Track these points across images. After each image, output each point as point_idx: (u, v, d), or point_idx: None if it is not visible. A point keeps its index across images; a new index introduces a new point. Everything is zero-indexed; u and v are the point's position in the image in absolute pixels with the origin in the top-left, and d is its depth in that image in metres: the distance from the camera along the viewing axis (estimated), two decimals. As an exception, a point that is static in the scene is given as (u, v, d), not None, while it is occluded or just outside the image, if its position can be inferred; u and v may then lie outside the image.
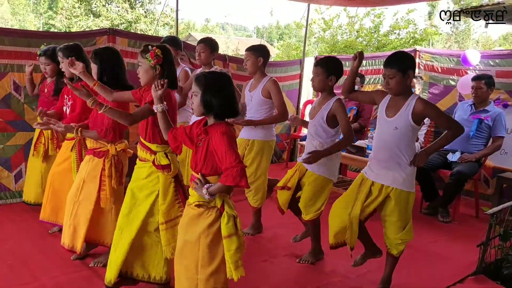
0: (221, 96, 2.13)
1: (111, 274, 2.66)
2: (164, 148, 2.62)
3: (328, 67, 3.15)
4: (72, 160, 3.36)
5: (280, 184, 3.42)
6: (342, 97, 3.27)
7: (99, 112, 2.56)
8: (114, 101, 2.80)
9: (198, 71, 4.18)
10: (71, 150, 3.37)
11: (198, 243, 2.16)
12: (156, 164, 2.57)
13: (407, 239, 2.85)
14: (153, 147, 2.62)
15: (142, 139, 2.67)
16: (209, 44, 3.98)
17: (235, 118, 3.54)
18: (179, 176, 2.68)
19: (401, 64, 2.71)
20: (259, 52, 3.67)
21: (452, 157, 4.59)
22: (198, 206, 2.18)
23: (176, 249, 2.30)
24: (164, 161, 2.57)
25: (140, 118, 2.58)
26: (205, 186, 2.13)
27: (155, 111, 2.37)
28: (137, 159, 2.74)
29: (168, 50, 2.63)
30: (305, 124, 3.45)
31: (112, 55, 2.99)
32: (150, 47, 2.55)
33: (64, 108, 3.47)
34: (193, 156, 2.23)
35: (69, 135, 3.41)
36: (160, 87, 2.31)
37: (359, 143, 5.06)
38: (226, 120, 2.20)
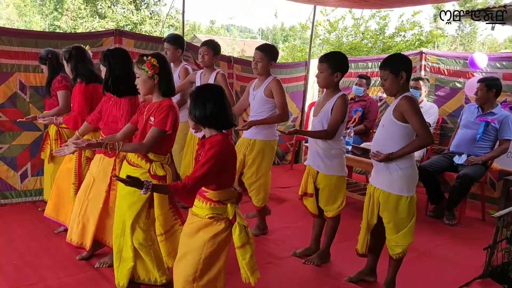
0: (205, 108, 2.11)
1: (122, 278, 2.68)
2: (160, 159, 2.62)
3: (333, 63, 3.12)
4: (73, 161, 3.36)
5: (300, 192, 3.43)
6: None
7: (116, 151, 2.54)
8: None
9: (200, 72, 4.18)
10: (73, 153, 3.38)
11: (201, 251, 2.16)
12: (152, 174, 2.55)
13: (402, 243, 2.83)
14: (150, 155, 2.60)
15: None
16: (212, 47, 3.98)
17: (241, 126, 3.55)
18: None
19: (393, 65, 2.74)
20: (273, 55, 3.61)
21: (458, 160, 4.56)
22: (211, 218, 2.16)
23: (178, 255, 2.29)
24: (161, 172, 2.56)
25: (153, 144, 2.53)
26: (150, 183, 2.06)
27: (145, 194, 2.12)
28: (125, 161, 2.71)
29: (163, 58, 2.63)
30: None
31: (122, 58, 2.96)
32: (145, 57, 2.54)
33: None
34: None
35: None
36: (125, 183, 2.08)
37: (364, 145, 5.05)
38: (222, 131, 2.18)
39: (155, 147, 2.56)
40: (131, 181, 2.06)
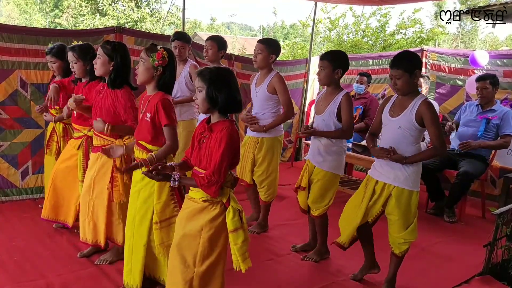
0: (226, 90, 2.13)
1: (135, 280, 2.64)
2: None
3: (334, 60, 3.15)
4: (79, 158, 3.34)
5: (296, 185, 3.44)
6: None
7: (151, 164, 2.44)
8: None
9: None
10: (78, 149, 3.35)
11: (199, 236, 2.16)
12: None
13: (410, 239, 2.83)
14: (149, 146, 2.60)
15: (136, 139, 2.65)
16: (217, 41, 3.98)
17: (248, 123, 3.54)
18: None
19: (408, 64, 2.69)
20: (273, 48, 3.63)
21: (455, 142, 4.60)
22: (205, 201, 2.18)
23: (173, 242, 2.29)
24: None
25: (176, 141, 2.56)
26: (177, 175, 2.14)
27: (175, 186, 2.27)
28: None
29: (173, 55, 2.62)
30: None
31: (126, 53, 2.98)
32: (158, 47, 2.54)
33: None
34: (196, 152, 2.23)
35: (76, 133, 3.41)
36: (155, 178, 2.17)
37: (364, 142, 5.05)
38: (229, 116, 2.21)
39: (153, 139, 2.56)
40: (161, 176, 2.12)
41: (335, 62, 3.14)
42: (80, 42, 3.39)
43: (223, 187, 2.16)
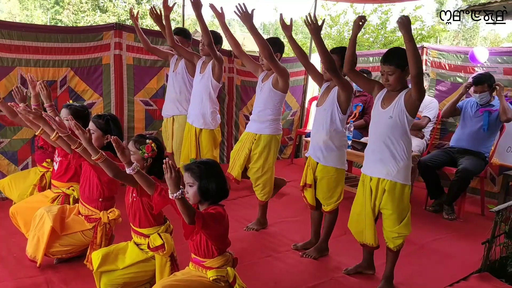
0: (216, 182, 2.23)
1: None
2: (156, 229, 2.60)
3: (343, 56, 3.11)
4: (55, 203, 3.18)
5: (301, 183, 3.45)
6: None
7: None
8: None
9: (201, 59, 4.19)
10: (52, 202, 3.18)
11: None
12: (151, 247, 2.54)
13: (404, 233, 2.84)
14: (145, 231, 2.60)
15: (132, 226, 2.65)
16: (212, 36, 4.02)
17: None
18: (173, 253, 2.62)
19: (399, 60, 2.66)
20: (277, 47, 3.67)
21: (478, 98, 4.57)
22: (215, 280, 2.25)
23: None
24: (158, 242, 2.53)
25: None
26: (181, 191, 2.07)
27: (173, 198, 2.07)
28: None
29: (161, 145, 2.66)
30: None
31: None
32: (147, 140, 2.56)
33: (56, 159, 3.31)
34: (191, 244, 2.33)
35: (54, 189, 3.28)
36: (169, 172, 2.04)
37: (364, 139, 5.06)
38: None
39: (144, 223, 2.59)
40: (176, 177, 2.04)
41: (343, 59, 3.13)
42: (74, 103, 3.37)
43: (225, 268, 2.28)
